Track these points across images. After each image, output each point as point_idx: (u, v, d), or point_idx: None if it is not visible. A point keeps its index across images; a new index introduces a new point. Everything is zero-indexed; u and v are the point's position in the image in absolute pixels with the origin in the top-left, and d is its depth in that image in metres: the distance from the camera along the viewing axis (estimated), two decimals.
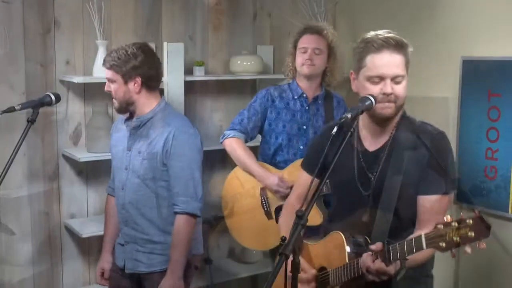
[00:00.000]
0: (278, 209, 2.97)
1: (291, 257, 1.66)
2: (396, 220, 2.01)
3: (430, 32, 3.40)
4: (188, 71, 3.60)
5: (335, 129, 1.84)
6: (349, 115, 1.85)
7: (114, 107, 2.63)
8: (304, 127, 3.11)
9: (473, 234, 1.59)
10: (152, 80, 2.59)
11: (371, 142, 2.11)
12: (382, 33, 2.03)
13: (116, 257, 2.75)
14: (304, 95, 3.13)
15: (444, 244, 1.65)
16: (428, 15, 3.41)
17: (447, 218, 1.67)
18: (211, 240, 3.94)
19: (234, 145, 3.10)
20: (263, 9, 4.00)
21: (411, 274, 1.97)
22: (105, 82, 2.66)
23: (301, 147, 3.11)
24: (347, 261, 1.98)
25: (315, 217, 2.78)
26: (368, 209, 2.06)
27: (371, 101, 1.94)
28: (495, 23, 3.05)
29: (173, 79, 3.41)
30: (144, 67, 2.54)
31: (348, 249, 1.99)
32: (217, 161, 3.85)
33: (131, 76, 2.53)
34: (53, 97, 2.46)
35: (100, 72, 3.03)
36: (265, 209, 3.07)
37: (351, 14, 3.98)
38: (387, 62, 1.98)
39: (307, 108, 3.13)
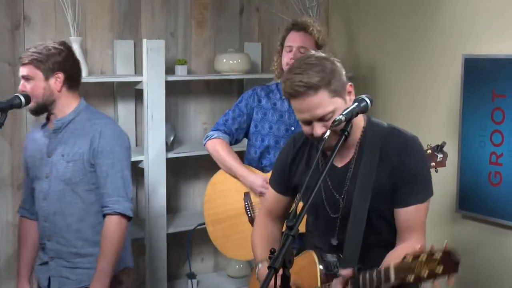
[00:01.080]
0: None
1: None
2: (370, 238, 2.01)
3: (429, 27, 3.41)
4: (170, 70, 3.60)
5: (327, 133, 1.83)
6: (342, 118, 1.83)
7: (29, 108, 2.56)
8: (292, 128, 3.12)
9: (440, 270, 1.60)
10: (73, 80, 2.58)
11: (337, 157, 2.05)
12: (297, 66, 1.93)
13: (39, 278, 2.70)
14: None
15: (412, 278, 1.66)
16: (426, 8, 3.43)
17: (416, 248, 1.69)
18: (195, 252, 3.93)
19: (217, 146, 3.12)
20: (250, 3, 4.01)
21: None
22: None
23: None
24: (319, 284, 1.99)
25: (302, 225, 2.78)
26: (338, 231, 2.07)
27: (367, 102, 1.91)
28: (499, 19, 3.07)
29: (153, 79, 3.41)
30: (67, 64, 2.53)
31: (320, 269, 2.03)
32: (202, 167, 3.85)
33: (53, 71, 2.51)
34: (22, 99, 2.44)
35: None
36: (249, 215, 3.07)
37: (345, 9, 4.00)
38: (304, 108, 1.94)
39: None
